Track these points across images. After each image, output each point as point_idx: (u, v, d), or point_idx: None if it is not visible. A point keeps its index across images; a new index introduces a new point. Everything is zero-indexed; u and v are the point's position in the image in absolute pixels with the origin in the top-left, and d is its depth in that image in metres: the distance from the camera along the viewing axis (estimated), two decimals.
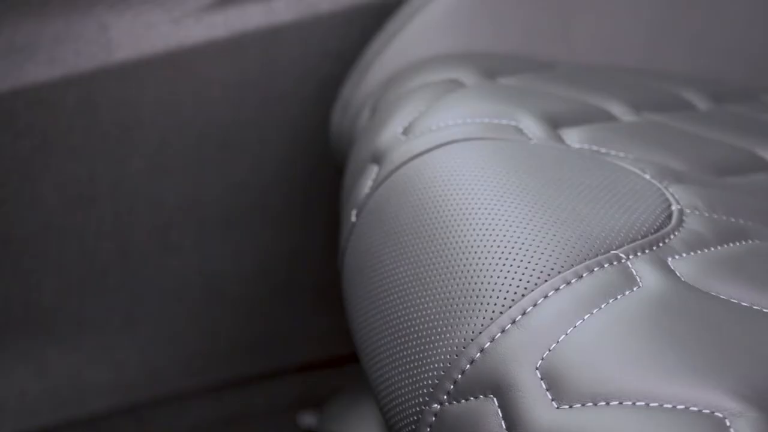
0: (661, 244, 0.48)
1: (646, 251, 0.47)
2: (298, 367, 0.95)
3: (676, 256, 0.47)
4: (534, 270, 0.45)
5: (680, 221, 0.50)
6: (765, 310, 0.45)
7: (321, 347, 0.95)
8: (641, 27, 0.77)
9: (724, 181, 0.57)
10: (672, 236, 0.48)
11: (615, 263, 0.46)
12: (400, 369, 0.48)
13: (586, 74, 0.70)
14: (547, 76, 0.68)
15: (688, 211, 0.51)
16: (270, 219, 0.87)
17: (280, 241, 0.89)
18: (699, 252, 0.48)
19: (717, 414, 0.39)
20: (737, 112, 0.69)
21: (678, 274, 0.46)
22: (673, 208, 0.51)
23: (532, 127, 0.58)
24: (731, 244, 0.49)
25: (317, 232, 0.87)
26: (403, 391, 0.47)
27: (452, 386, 0.44)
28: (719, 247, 0.49)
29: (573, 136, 0.58)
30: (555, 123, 0.59)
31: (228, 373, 0.94)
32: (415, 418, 0.46)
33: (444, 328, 0.46)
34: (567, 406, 0.40)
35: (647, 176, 0.53)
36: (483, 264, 0.46)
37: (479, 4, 0.74)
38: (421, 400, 0.45)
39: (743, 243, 0.50)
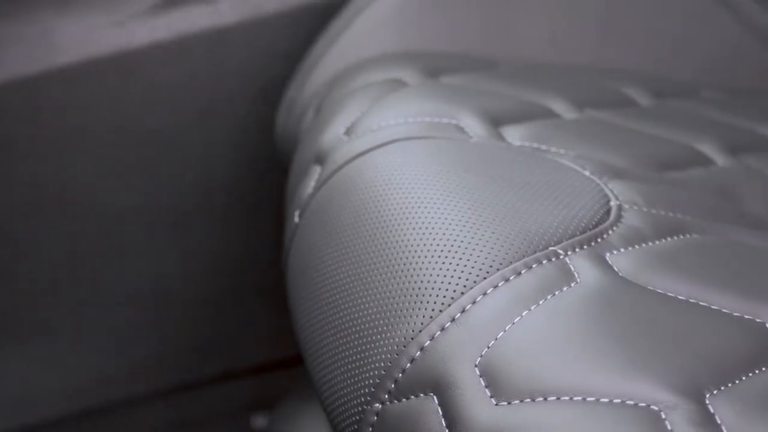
0: (599, 240, 0.48)
1: (585, 247, 0.47)
2: (250, 369, 0.95)
3: (614, 252, 0.48)
4: (473, 268, 0.45)
5: (619, 217, 0.50)
6: (701, 303, 0.45)
7: (273, 348, 0.95)
8: (585, 25, 0.78)
9: (663, 176, 0.57)
10: (610, 232, 0.49)
11: (553, 259, 0.46)
12: (342, 369, 0.48)
13: (529, 72, 0.71)
14: (490, 74, 0.68)
15: (626, 206, 0.51)
16: (218, 221, 0.87)
17: (230, 243, 0.89)
18: (637, 247, 0.48)
19: (653, 407, 0.39)
20: (678, 107, 0.70)
21: (616, 269, 0.46)
22: (612, 203, 0.51)
23: (473, 126, 0.58)
24: (669, 239, 0.50)
25: (266, 233, 0.87)
26: (345, 391, 0.47)
27: (393, 385, 0.44)
28: (657, 242, 0.49)
29: (514, 134, 0.58)
30: (496, 121, 0.59)
31: (180, 376, 0.94)
32: (358, 418, 0.46)
33: (385, 328, 0.46)
34: (506, 403, 0.40)
35: (587, 173, 0.54)
36: (422, 263, 0.46)
37: (423, 4, 0.74)
38: (363, 399, 0.46)
39: (681, 237, 0.50)
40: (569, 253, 0.47)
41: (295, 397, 0.83)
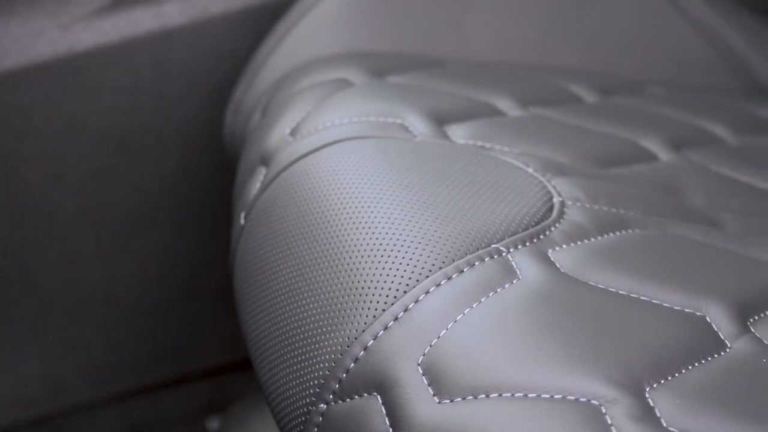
0: (541, 237, 0.48)
1: (527, 244, 0.47)
2: (205, 373, 0.94)
3: (557, 248, 0.48)
4: (416, 266, 0.45)
5: (561, 213, 0.50)
6: (642, 298, 0.46)
7: (227, 351, 0.94)
8: (533, 23, 0.78)
9: (607, 173, 0.58)
10: (552, 228, 0.49)
11: (495, 257, 0.46)
12: (287, 370, 0.48)
13: (475, 71, 0.71)
14: (437, 73, 0.68)
15: (569, 202, 0.52)
16: (170, 223, 0.87)
17: (182, 246, 0.88)
18: (579, 243, 0.49)
19: (593, 402, 0.40)
20: (624, 104, 0.71)
21: (558, 266, 0.47)
22: (555, 200, 0.51)
23: (418, 125, 0.58)
24: (611, 234, 0.50)
25: (218, 235, 0.86)
26: (291, 392, 0.47)
27: (338, 385, 0.44)
28: (599, 237, 0.50)
29: (459, 133, 0.58)
30: (441, 120, 0.59)
31: (135, 381, 0.93)
32: (303, 418, 0.46)
33: (329, 328, 0.46)
34: (448, 401, 0.41)
35: (530, 170, 0.54)
36: (365, 262, 0.46)
37: (370, 4, 0.74)
38: (308, 400, 0.46)
39: (623, 232, 0.51)
40: (511, 250, 0.47)
41: (248, 400, 0.83)
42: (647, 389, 0.41)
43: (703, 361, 0.43)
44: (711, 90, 0.80)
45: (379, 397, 0.42)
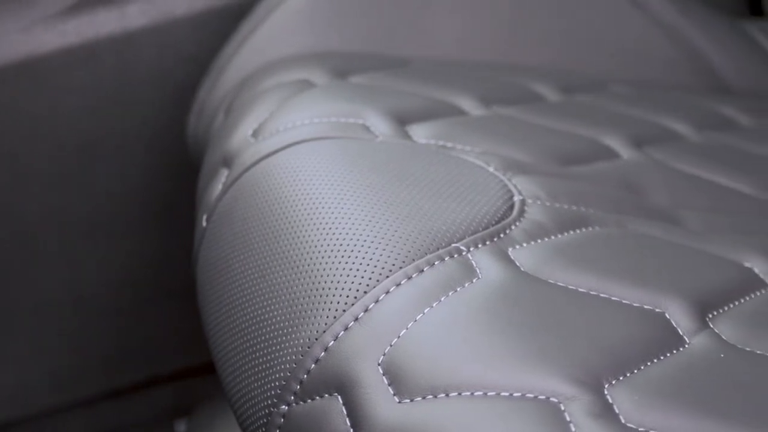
0: (502, 235, 0.48)
1: (487, 243, 0.48)
2: (174, 375, 0.94)
3: (517, 246, 0.48)
4: (376, 267, 0.45)
5: (522, 211, 0.50)
6: (602, 295, 0.46)
7: (195, 353, 0.94)
8: (495, 23, 0.78)
9: (568, 171, 0.58)
10: (513, 227, 0.49)
11: (455, 256, 0.46)
12: (249, 372, 0.47)
13: (438, 71, 0.71)
14: (399, 73, 0.68)
15: (530, 201, 0.52)
16: (135, 226, 0.86)
17: (147, 248, 0.88)
18: (539, 241, 0.49)
19: (552, 399, 0.40)
20: (586, 102, 0.71)
21: (518, 264, 0.47)
22: (515, 199, 0.51)
23: (379, 125, 0.58)
24: (571, 232, 0.50)
25: (183, 237, 0.86)
26: (252, 394, 0.47)
27: (299, 386, 0.44)
28: (560, 235, 0.50)
29: (420, 132, 0.58)
30: (403, 120, 0.59)
31: (101, 385, 0.93)
32: (265, 420, 0.46)
33: (290, 329, 0.46)
34: (408, 400, 0.41)
35: (491, 169, 0.54)
36: (326, 263, 0.46)
37: (333, 4, 0.74)
38: (269, 402, 0.45)
39: (583, 230, 0.51)
40: (471, 249, 0.47)
41: (215, 403, 0.83)
42: (606, 386, 0.41)
43: (662, 358, 0.43)
44: (673, 88, 0.80)
45: (339, 397, 0.42)
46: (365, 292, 0.44)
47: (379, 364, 0.42)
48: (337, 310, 0.44)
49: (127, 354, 0.92)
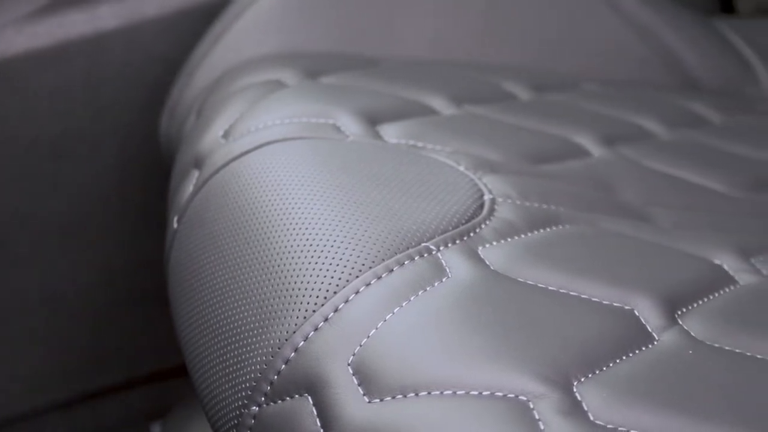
0: (472, 234, 0.48)
1: (457, 242, 0.48)
2: (149, 377, 0.94)
3: (487, 245, 0.48)
4: (346, 267, 0.45)
5: (492, 210, 0.51)
6: (572, 293, 0.46)
7: (171, 355, 0.93)
8: (468, 22, 0.78)
9: (539, 169, 0.58)
10: (483, 225, 0.49)
11: (425, 255, 0.46)
12: (220, 373, 0.47)
13: (409, 70, 0.71)
14: (370, 73, 0.68)
15: (500, 199, 0.52)
16: (109, 227, 0.86)
17: (122, 250, 0.87)
18: (509, 239, 0.49)
19: (521, 397, 0.40)
20: (557, 101, 0.71)
21: (487, 263, 0.47)
22: (486, 197, 0.52)
23: (350, 125, 0.58)
24: (542, 230, 0.51)
25: (158, 238, 0.86)
26: (224, 395, 0.47)
27: (269, 387, 0.44)
28: (530, 234, 0.50)
29: (391, 132, 0.58)
30: (374, 120, 0.59)
31: (78, 387, 0.92)
32: (236, 421, 0.46)
33: (260, 330, 0.46)
34: (378, 400, 0.41)
35: (461, 168, 0.54)
36: (296, 264, 0.46)
37: (304, 5, 0.74)
38: (240, 403, 0.45)
39: (553, 228, 0.51)
40: (441, 248, 0.47)
41: (189, 404, 0.83)
42: (575, 383, 0.41)
43: (631, 355, 0.43)
44: (645, 86, 0.81)
45: (310, 398, 0.42)
46: (335, 293, 0.45)
47: (349, 364, 0.42)
48: (307, 310, 0.44)
49: (103, 356, 0.92)
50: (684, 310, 0.47)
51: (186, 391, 0.89)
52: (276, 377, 0.44)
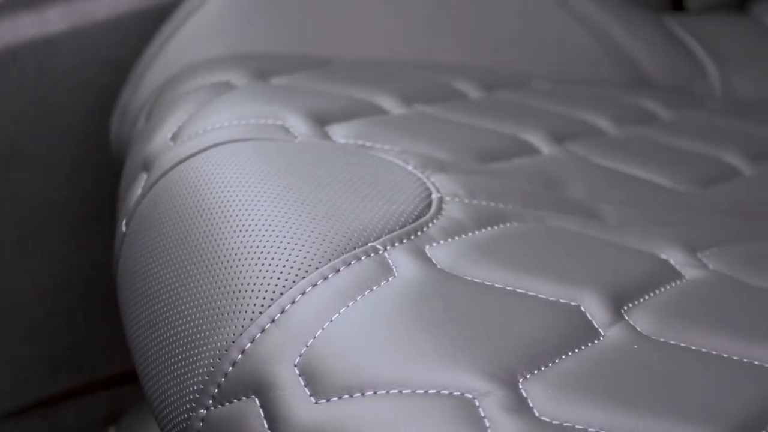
0: (419, 233, 0.49)
1: (404, 241, 0.48)
2: (105, 383, 0.93)
3: (434, 244, 0.48)
4: (292, 268, 0.45)
5: (439, 209, 0.51)
6: (518, 290, 0.46)
7: (127, 360, 0.93)
8: (418, 21, 0.79)
9: (487, 167, 0.58)
10: (430, 224, 0.49)
11: (372, 255, 0.46)
12: (168, 377, 0.47)
13: (360, 70, 0.71)
14: (321, 73, 0.68)
15: (448, 198, 0.52)
16: (62, 232, 0.85)
17: (77, 254, 0.87)
18: (457, 238, 0.49)
19: (466, 395, 0.40)
20: (507, 99, 0.71)
21: (434, 261, 0.47)
22: (433, 196, 0.52)
23: (299, 126, 0.58)
24: (489, 228, 0.51)
25: (112, 242, 0.85)
26: (172, 399, 0.47)
27: (217, 390, 0.44)
28: (477, 232, 0.50)
29: (340, 132, 0.58)
30: (323, 120, 0.59)
31: (35, 393, 0.92)
32: (184, 425, 0.45)
33: (207, 333, 0.46)
34: (325, 401, 0.41)
35: (410, 167, 0.54)
36: (243, 265, 0.46)
37: (255, 5, 0.74)
38: (188, 406, 0.45)
39: (501, 226, 0.51)
40: (388, 248, 0.47)
41: (143, 408, 0.82)
42: (521, 380, 0.41)
43: (577, 351, 0.43)
44: (596, 83, 0.81)
45: (257, 399, 0.42)
46: (281, 294, 0.44)
47: (295, 365, 0.42)
48: (253, 312, 0.44)
49: (57, 363, 0.91)
50: (630, 305, 0.48)
51: (141, 394, 0.89)
52: (223, 380, 0.44)
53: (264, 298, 0.45)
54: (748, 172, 0.69)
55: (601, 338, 0.45)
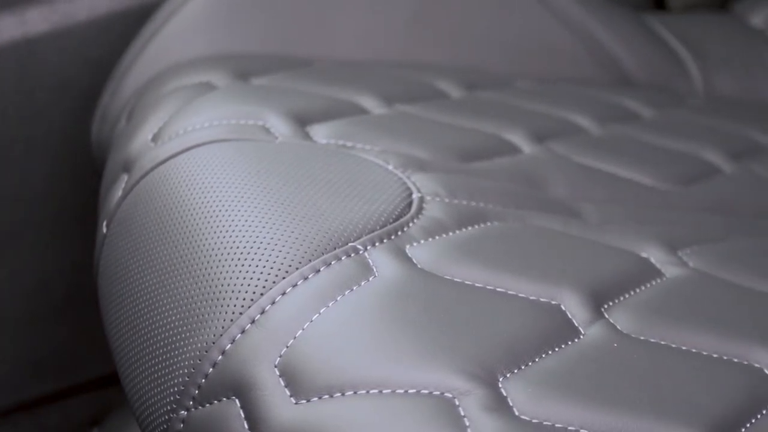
0: (399, 233, 0.49)
1: (384, 241, 0.48)
2: (88, 385, 0.93)
3: (414, 243, 0.48)
4: (272, 268, 0.45)
5: (420, 209, 0.51)
6: (498, 289, 0.46)
7: (109, 362, 0.93)
8: (400, 20, 0.78)
9: (468, 167, 0.58)
10: (411, 224, 0.49)
11: (352, 255, 0.46)
12: (149, 379, 0.47)
13: (341, 70, 0.71)
14: (302, 74, 0.68)
15: (428, 198, 0.52)
16: (44, 233, 0.85)
17: (59, 255, 0.86)
18: (437, 237, 0.49)
19: (446, 394, 0.40)
20: (489, 98, 0.71)
21: (414, 261, 0.47)
22: (414, 196, 0.52)
23: (279, 126, 0.58)
24: (470, 228, 0.51)
25: (91, 244, 0.85)
26: (152, 400, 0.47)
27: (197, 391, 0.44)
28: (458, 232, 0.50)
29: (321, 132, 0.58)
30: (303, 120, 0.59)
31: (14, 396, 0.91)
32: (165, 426, 0.45)
33: (188, 334, 0.45)
34: (305, 401, 0.40)
35: (390, 167, 0.54)
36: (223, 266, 0.46)
37: (236, 5, 0.74)
38: (169, 407, 0.45)
39: (482, 225, 0.51)
40: (368, 247, 0.47)
41: (126, 410, 0.82)
42: (500, 379, 0.41)
43: (557, 349, 0.44)
44: (578, 83, 0.81)
45: (237, 400, 0.42)
46: (261, 294, 0.44)
47: (275, 366, 0.42)
48: (234, 313, 0.44)
49: (40, 365, 0.91)
50: (610, 303, 0.48)
51: (125, 396, 0.89)
52: (204, 381, 0.44)
53: (244, 299, 0.44)
54: (729, 171, 0.69)
55: (582, 337, 0.45)
